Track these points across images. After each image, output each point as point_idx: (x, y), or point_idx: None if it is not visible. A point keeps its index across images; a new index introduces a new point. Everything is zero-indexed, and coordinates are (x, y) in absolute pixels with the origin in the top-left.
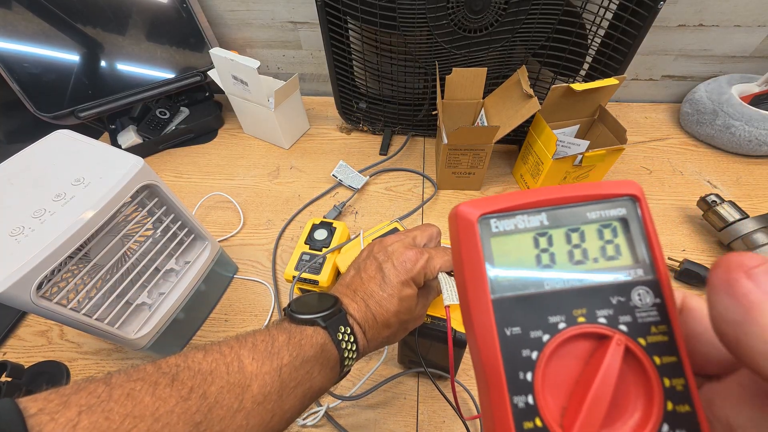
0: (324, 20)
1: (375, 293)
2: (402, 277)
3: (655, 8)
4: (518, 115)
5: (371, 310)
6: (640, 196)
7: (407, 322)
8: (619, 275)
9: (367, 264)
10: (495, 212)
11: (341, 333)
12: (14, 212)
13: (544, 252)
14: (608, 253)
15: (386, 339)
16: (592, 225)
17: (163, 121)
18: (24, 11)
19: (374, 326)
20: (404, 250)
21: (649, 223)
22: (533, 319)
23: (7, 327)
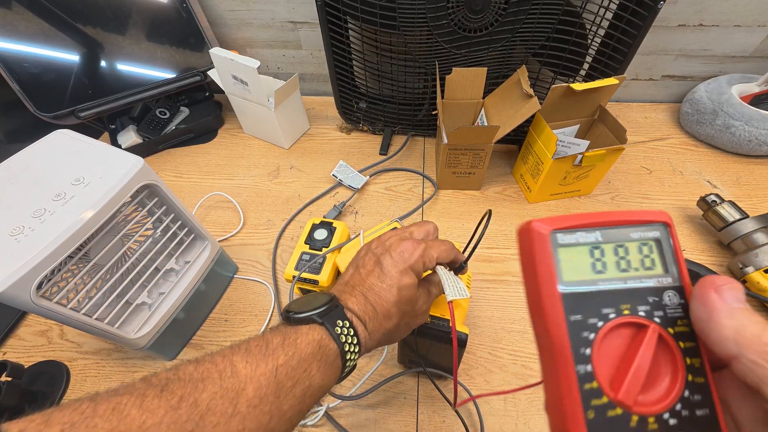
0: (324, 20)
1: (374, 285)
2: (400, 266)
3: (655, 8)
4: (518, 114)
5: (370, 302)
6: (670, 223)
7: (409, 314)
8: (654, 281)
9: (366, 260)
10: (562, 228)
11: (339, 327)
12: (14, 212)
13: (598, 261)
14: (646, 264)
15: (389, 332)
16: (634, 242)
17: (163, 120)
18: (24, 11)
19: (375, 318)
20: (401, 242)
21: (677, 243)
22: (591, 310)
23: (7, 327)
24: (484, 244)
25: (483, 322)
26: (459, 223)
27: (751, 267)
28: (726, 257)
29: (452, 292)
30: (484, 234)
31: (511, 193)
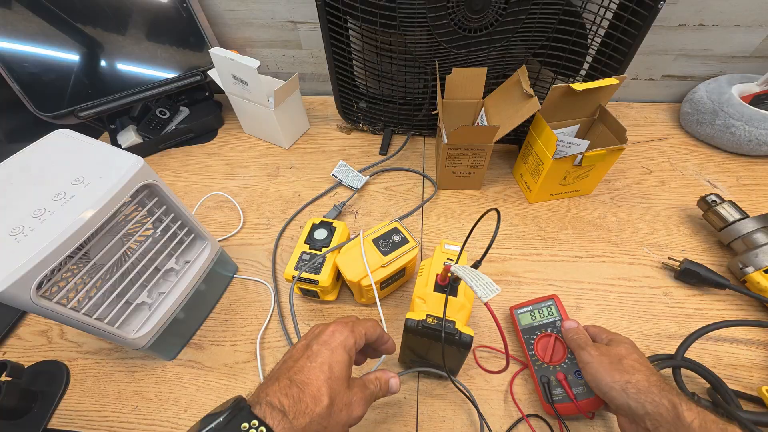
0: (324, 20)
1: (304, 367)
2: (331, 344)
3: (656, 8)
4: (518, 114)
5: (296, 383)
6: (556, 298)
7: (343, 398)
8: (553, 320)
9: (294, 350)
10: (518, 307)
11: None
12: (14, 211)
13: (532, 314)
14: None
15: (320, 417)
16: (545, 307)
17: (163, 120)
18: (24, 11)
19: (300, 400)
20: (328, 326)
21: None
22: (532, 332)
23: (7, 326)
24: (485, 244)
25: (483, 322)
26: (459, 222)
27: (751, 267)
28: (726, 257)
29: (485, 292)
30: (496, 235)
31: (511, 193)
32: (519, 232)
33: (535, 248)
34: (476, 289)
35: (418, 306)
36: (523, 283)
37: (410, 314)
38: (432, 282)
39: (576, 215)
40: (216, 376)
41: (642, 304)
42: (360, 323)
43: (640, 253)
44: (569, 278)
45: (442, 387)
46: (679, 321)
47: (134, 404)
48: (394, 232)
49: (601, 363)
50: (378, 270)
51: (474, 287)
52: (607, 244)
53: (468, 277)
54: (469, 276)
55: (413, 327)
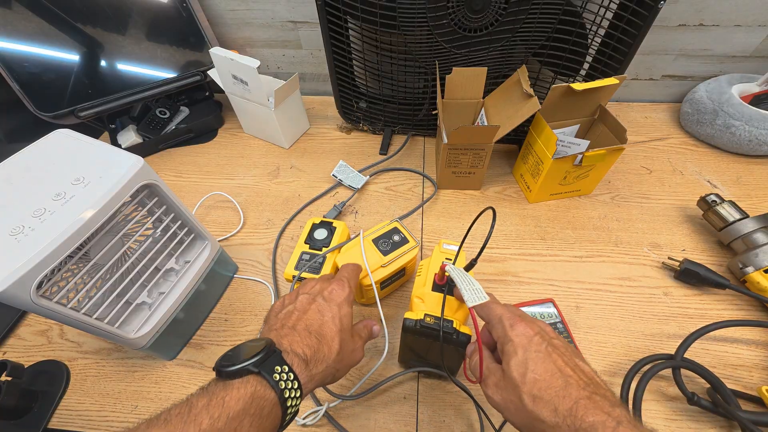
0: (324, 20)
1: (315, 320)
2: (337, 300)
3: (656, 8)
4: (518, 114)
5: (314, 334)
6: (552, 300)
7: (348, 346)
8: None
9: (299, 303)
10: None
11: (278, 373)
12: (14, 211)
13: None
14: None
15: (332, 366)
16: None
17: (163, 120)
18: (24, 10)
19: (319, 350)
20: (327, 283)
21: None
22: None
23: (7, 326)
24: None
25: (481, 322)
26: (459, 222)
27: (751, 267)
28: (726, 257)
29: (472, 298)
30: (491, 234)
31: (511, 193)
32: (519, 232)
33: (535, 248)
34: (464, 292)
35: (416, 305)
36: (523, 283)
37: (408, 314)
38: (430, 282)
39: (576, 215)
40: None
41: (642, 304)
42: (350, 275)
43: (640, 253)
44: (569, 278)
45: (442, 387)
46: (679, 321)
47: (134, 404)
48: (394, 232)
49: (509, 412)
50: (378, 270)
51: (462, 290)
52: (607, 244)
53: (459, 279)
54: (460, 278)
55: (411, 326)
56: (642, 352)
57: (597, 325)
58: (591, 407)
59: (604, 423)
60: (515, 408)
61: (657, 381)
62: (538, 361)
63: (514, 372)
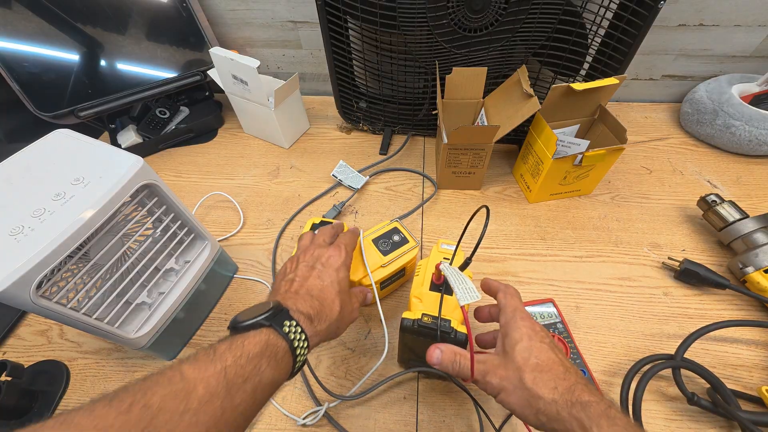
0: (324, 20)
1: (316, 285)
2: (334, 265)
3: (656, 8)
4: (518, 114)
5: (316, 297)
6: (552, 300)
7: (347, 306)
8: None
9: (299, 270)
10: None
11: (287, 326)
12: (14, 211)
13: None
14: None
15: (334, 324)
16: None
17: (162, 120)
18: (24, 10)
19: (321, 310)
20: (324, 249)
21: (559, 311)
22: None
23: (7, 326)
24: (485, 243)
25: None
26: (459, 222)
27: (751, 267)
28: (726, 257)
29: (463, 296)
30: (485, 232)
31: (511, 193)
32: (519, 232)
33: (535, 248)
34: (457, 291)
35: (414, 305)
36: (523, 283)
37: (406, 313)
38: (428, 281)
39: (576, 215)
40: None
41: (642, 304)
42: (348, 241)
43: (640, 253)
44: (569, 278)
45: (442, 387)
46: (678, 321)
47: None
48: (394, 232)
49: (508, 392)
50: (378, 270)
51: (455, 289)
52: (607, 244)
53: (453, 278)
54: (454, 277)
55: (409, 326)
56: (642, 352)
57: (597, 325)
58: (587, 390)
59: (598, 402)
60: (513, 387)
61: (657, 381)
62: (542, 350)
63: (518, 356)
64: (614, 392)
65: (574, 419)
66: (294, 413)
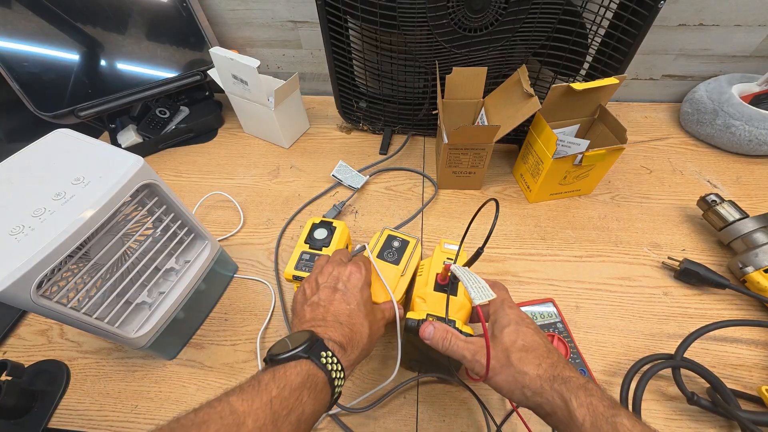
0: (324, 19)
1: (343, 310)
2: (358, 285)
3: (656, 8)
4: (519, 114)
5: (346, 324)
6: (552, 300)
7: (374, 324)
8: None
9: (321, 294)
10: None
11: (324, 357)
12: (14, 211)
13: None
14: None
15: (365, 346)
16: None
17: (163, 120)
18: (24, 10)
19: (353, 337)
20: (342, 267)
21: (559, 311)
22: None
23: (8, 326)
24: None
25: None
26: (459, 222)
27: (751, 267)
28: (726, 257)
29: (478, 296)
30: (495, 224)
31: (511, 193)
32: (519, 232)
33: (535, 248)
34: (471, 290)
35: (418, 306)
36: (523, 283)
37: (411, 314)
38: (432, 281)
39: (576, 215)
40: (216, 375)
41: (642, 303)
42: (364, 260)
43: (640, 253)
44: (569, 278)
45: (442, 387)
46: (678, 321)
47: (134, 404)
48: (391, 239)
49: (495, 371)
50: (400, 280)
51: (469, 288)
52: (607, 244)
53: (465, 278)
54: (466, 277)
55: (414, 327)
56: (642, 352)
57: (597, 324)
58: (567, 367)
59: (578, 378)
60: (501, 366)
61: (657, 381)
62: (528, 334)
63: (506, 338)
64: (614, 392)
65: (555, 392)
66: None
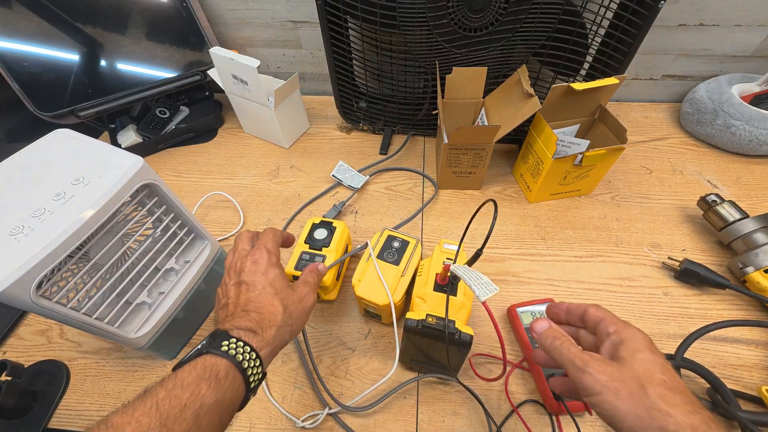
0: (324, 19)
1: (250, 299)
2: (261, 269)
3: (656, 8)
4: (519, 114)
5: (253, 311)
6: (551, 300)
7: (294, 301)
8: None
9: (228, 291)
10: (519, 305)
11: (225, 346)
12: (14, 211)
13: (532, 314)
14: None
15: (284, 325)
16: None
17: (162, 120)
18: (24, 10)
19: (262, 321)
20: (244, 259)
21: None
22: None
23: (7, 326)
24: None
25: (483, 321)
26: (459, 222)
27: (751, 267)
28: (726, 257)
29: (483, 292)
30: (494, 224)
31: (511, 193)
32: (519, 232)
33: (535, 248)
34: (474, 288)
35: (417, 306)
36: (523, 283)
37: (410, 314)
38: (431, 281)
39: (576, 215)
40: None
41: (642, 304)
42: (267, 240)
43: (640, 253)
44: (569, 278)
45: (442, 387)
46: (678, 321)
47: None
48: (391, 240)
49: (618, 395)
50: (401, 281)
51: (472, 286)
52: (607, 244)
53: (467, 276)
54: (467, 275)
55: (413, 327)
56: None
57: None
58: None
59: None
60: (629, 394)
61: None
62: (668, 370)
63: (639, 365)
64: None
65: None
66: (295, 413)
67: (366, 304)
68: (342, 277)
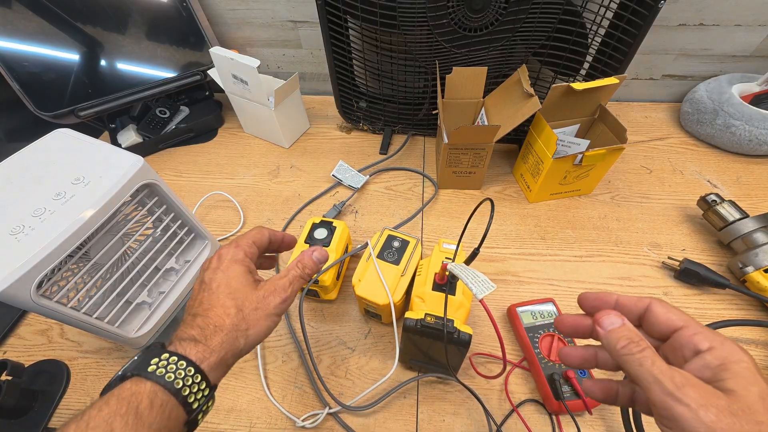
0: (324, 19)
1: (204, 299)
2: (222, 265)
3: (656, 8)
4: (519, 114)
5: (199, 314)
6: (553, 300)
7: (251, 300)
8: (550, 321)
9: (193, 292)
10: (519, 305)
11: (155, 365)
12: (14, 211)
13: (533, 315)
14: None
15: (232, 324)
16: (544, 308)
17: (163, 120)
18: (24, 10)
19: (207, 324)
20: (211, 258)
21: (558, 309)
22: (535, 331)
23: (8, 326)
24: (485, 243)
25: (483, 321)
26: (459, 222)
27: (751, 266)
28: (726, 257)
29: (480, 290)
30: (491, 223)
31: (511, 193)
32: (519, 232)
33: (535, 248)
34: (471, 286)
35: (416, 305)
36: (523, 283)
37: (409, 313)
38: (430, 281)
39: (576, 215)
40: None
41: None
42: (245, 236)
43: (640, 253)
44: (569, 278)
45: (442, 387)
46: None
47: None
48: (391, 239)
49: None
50: (401, 281)
51: (469, 284)
52: (607, 244)
53: (463, 274)
54: (464, 273)
55: (412, 326)
56: None
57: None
58: None
59: None
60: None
61: None
62: None
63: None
64: None
65: None
66: (295, 413)
67: (366, 304)
68: (342, 276)
